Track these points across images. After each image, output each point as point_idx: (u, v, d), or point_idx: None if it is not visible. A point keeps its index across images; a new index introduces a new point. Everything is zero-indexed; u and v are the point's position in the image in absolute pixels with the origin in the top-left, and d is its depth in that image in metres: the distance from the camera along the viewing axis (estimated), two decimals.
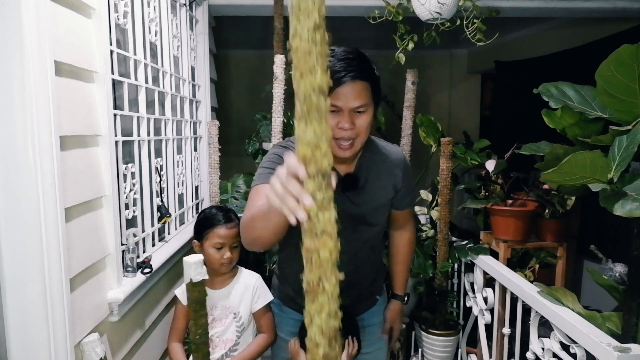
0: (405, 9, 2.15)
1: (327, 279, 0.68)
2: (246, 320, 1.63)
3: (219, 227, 1.59)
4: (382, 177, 1.32)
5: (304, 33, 0.61)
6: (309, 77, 0.62)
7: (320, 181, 0.65)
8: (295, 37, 0.62)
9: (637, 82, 1.30)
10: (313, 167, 0.65)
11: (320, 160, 0.65)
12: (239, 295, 1.62)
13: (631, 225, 1.31)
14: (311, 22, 0.61)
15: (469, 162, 2.43)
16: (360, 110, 1.12)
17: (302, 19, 0.61)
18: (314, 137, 0.64)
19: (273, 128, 2.27)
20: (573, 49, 3.17)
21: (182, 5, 2.11)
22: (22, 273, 1.01)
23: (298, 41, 0.61)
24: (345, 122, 1.11)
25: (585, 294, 2.95)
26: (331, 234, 0.67)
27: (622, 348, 1.19)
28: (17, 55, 0.96)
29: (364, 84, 1.12)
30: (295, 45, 0.62)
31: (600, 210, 1.31)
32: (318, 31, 0.61)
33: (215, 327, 1.60)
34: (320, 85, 0.63)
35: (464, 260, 2.23)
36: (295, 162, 0.65)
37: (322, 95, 0.63)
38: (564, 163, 1.28)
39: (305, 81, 0.62)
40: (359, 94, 1.11)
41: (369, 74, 1.14)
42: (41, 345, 1.03)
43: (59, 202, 1.04)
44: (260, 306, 1.63)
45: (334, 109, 1.11)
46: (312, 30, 0.61)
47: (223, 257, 1.57)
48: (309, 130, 0.63)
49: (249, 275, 1.68)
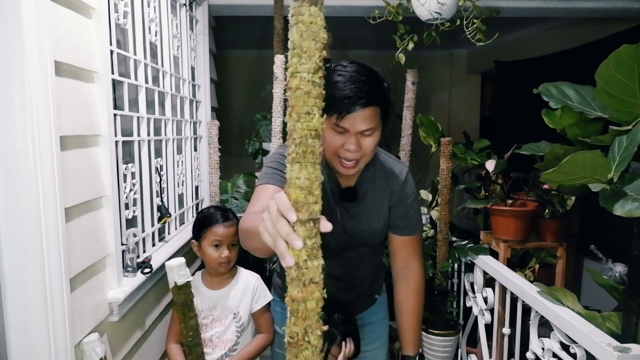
0: (405, 9, 2.15)
1: (312, 332, 0.65)
2: (246, 320, 1.63)
3: (216, 226, 1.59)
4: (380, 193, 1.31)
5: (304, 74, 0.60)
6: (306, 120, 0.60)
7: (311, 227, 0.62)
8: (294, 77, 0.60)
9: (637, 82, 1.30)
10: (305, 212, 0.61)
11: (312, 206, 0.61)
12: (238, 295, 1.62)
13: (631, 225, 1.31)
14: (312, 64, 0.59)
15: (469, 162, 2.43)
16: (367, 133, 1.11)
17: (303, 59, 0.59)
18: (307, 181, 0.61)
19: (273, 128, 2.27)
20: (573, 49, 3.16)
21: (182, 5, 2.11)
22: (22, 273, 1.01)
23: (297, 81, 0.60)
24: (352, 144, 1.10)
25: (585, 294, 2.95)
26: (319, 283, 0.63)
27: (622, 348, 1.19)
28: (17, 55, 0.96)
29: (374, 109, 1.10)
30: (294, 85, 0.60)
31: (600, 210, 1.31)
32: (318, 73, 0.60)
33: (215, 327, 1.60)
34: (317, 129, 0.61)
35: (464, 260, 2.22)
36: (286, 203, 0.60)
37: (318, 139, 0.61)
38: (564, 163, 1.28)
39: (302, 123, 0.60)
40: (368, 119, 1.09)
41: (381, 99, 1.11)
42: (41, 345, 1.03)
43: (59, 202, 1.04)
44: (260, 306, 1.63)
45: (341, 130, 1.10)
46: (313, 72, 0.60)
47: (221, 255, 1.57)
48: (302, 173, 0.61)
49: (248, 275, 1.68)
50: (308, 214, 0.61)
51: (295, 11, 0.60)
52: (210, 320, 1.60)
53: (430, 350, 2.25)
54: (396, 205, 1.31)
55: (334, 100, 1.07)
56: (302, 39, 0.59)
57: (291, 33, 0.60)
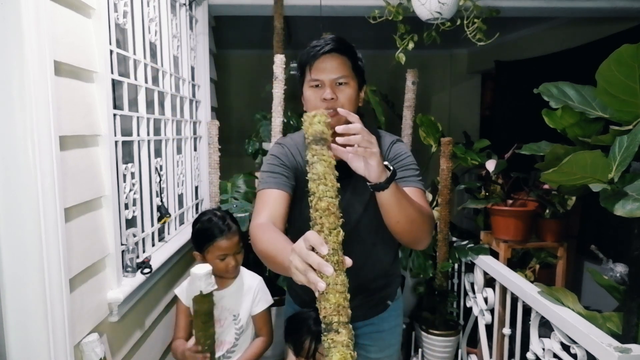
0: (406, 8, 2.15)
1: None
2: (245, 322, 1.62)
3: (220, 240, 1.55)
4: None
5: (330, 199, 0.79)
6: (335, 234, 0.76)
7: (349, 331, 0.73)
8: (322, 200, 0.79)
9: (638, 82, 1.30)
10: (344, 315, 0.74)
11: (347, 309, 0.74)
12: (239, 297, 1.62)
13: (631, 225, 1.31)
14: (334, 191, 0.80)
15: (469, 162, 2.43)
16: (341, 81, 1.18)
17: (328, 187, 0.80)
18: (342, 286, 0.74)
19: (273, 128, 2.26)
20: (573, 49, 3.16)
21: (182, 5, 2.11)
22: (22, 273, 1.01)
23: (326, 204, 0.78)
24: (327, 92, 1.17)
25: (586, 294, 2.95)
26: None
27: (622, 348, 1.19)
28: (17, 55, 0.95)
29: (342, 57, 1.18)
30: (323, 206, 0.78)
31: (600, 210, 1.31)
32: (338, 197, 0.81)
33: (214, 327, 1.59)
34: (341, 242, 0.77)
35: (464, 260, 2.22)
36: (317, 239, 0.74)
37: (342, 254, 0.77)
38: (565, 163, 1.28)
39: (333, 237, 0.76)
40: (338, 67, 1.17)
41: (347, 49, 1.20)
42: (41, 345, 1.03)
43: (58, 202, 1.04)
44: (261, 309, 1.62)
45: (316, 83, 1.19)
46: (335, 197, 0.80)
47: (228, 266, 1.57)
48: (339, 279, 0.73)
49: (250, 277, 1.67)
50: (346, 316, 0.73)
51: (316, 152, 0.84)
52: None
53: (430, 350, 2.25)
54: (390, 164, 1.25)
55: (305, 56, 1.19)
56: (326, 172, 0.81)
57: (315, 167, 0.83)
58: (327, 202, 0.78)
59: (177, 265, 1.88)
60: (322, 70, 1.17)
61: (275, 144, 1.37)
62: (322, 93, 1.18)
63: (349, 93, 1.19)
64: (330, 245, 0.74)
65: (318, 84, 1.19)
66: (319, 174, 0.81)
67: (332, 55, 1.17)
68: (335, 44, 1.18)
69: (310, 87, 1.20)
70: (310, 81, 1.19)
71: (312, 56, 1.18)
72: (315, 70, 1.18)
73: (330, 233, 0.75)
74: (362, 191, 1.28)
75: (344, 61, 1.18)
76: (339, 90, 1.18)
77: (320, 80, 1.18)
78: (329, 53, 1.17)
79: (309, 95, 1.21)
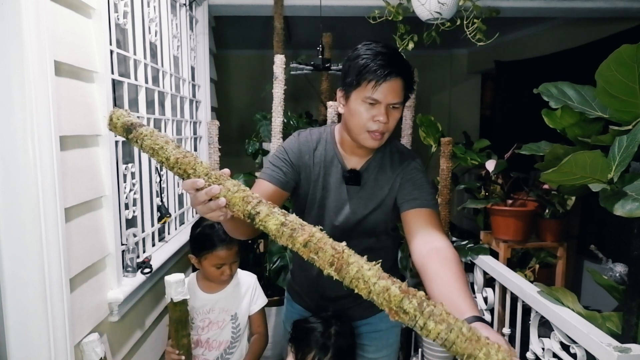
0: (405, 9, 2.15)
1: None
2: (243, 322, 1.62)
3: (219, 250, 1.52)
4: (386, 179, 1.30)
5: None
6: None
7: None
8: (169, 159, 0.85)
9: (637, 82, 1.30)
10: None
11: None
12: (237, 296, 1.61)
13: (631, 225, 1.31)
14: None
15: (469, 162, 2.43)
16: (395, 106, 1.18)
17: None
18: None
19: (273, 128, 2.26)
20: (573, 49, 3.16)
21: (182, 5, 2.11)
22: (22, 273, 1.01)
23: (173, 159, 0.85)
24: (382, 115, 1.16)
25: (586, 294, 2.95)
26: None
27: (622, 348, 1.19)
28: (17, 55, 0.95)
29: (402, 82, 1.17)
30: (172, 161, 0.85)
31: (600, 210, 1.31)
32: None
33: (211, 329, 1.58)
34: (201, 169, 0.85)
35: (464, 260, 2.22)
36: (188, 182, 0.82)
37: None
38: (564, 163, 1.28)
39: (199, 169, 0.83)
40: (399, 91, 1.17)
41: (408, 73, 1.19)
42: (41, 345, 1.03)
43: (58, 202, 1.04)
44: (258, 308, 1.63)
45: (372, 101, 1.16)
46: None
47: (223, 274, 1.55)
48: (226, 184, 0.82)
49: (246, 276, 1.67)
50: (242, 193, 0.81)
51: (136, 136, 0.88)
52: (207, 323, 1.58)
53: (430, 350, 2.25)
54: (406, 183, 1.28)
55: (368, 71, 1.15)
56: (152, 144, 0.85)
57: (145, 143, 0.87)
58: (173, 155, 0.84)
59: (177, 265, 1.89)
60: (383, 93, 1.15)
61: (291, 136, 1.35)
62: (375, 113, 1.16)
63: (397, 116, 1.21)
64: (201, 174, 0.82)
65: (373, 102, 1.16)
66: (149, 147, 0.86)
67: (397, 80, 1.16)
68: (400, 69, 1.16)
69: (364, 102, 1.17)
70: (367, 98, 1.16)
71: (377, 75, 1.14)
72: (377, 91, 1.15)
73: (194, 170, 0.82)
74: (370, 198, 1.30)
75: (403, 86, 1.18)
76: (391, 113, 1.18)
77: (377, 100, 1.16)
78: (396, 78, 1.15)
79: (360, 109, 1.18)
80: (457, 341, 0.66)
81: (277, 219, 0.77)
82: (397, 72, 1.15)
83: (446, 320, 0.67)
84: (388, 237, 1.38)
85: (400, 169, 1.29)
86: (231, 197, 0.80)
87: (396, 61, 1.16)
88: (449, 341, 0.66)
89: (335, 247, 0.74)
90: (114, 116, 0.90)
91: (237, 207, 0.80)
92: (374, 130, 1.18)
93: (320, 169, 1.30)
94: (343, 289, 0.82)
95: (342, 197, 1.30)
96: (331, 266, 0.73)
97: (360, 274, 0.72)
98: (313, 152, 1.30)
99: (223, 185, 0.81)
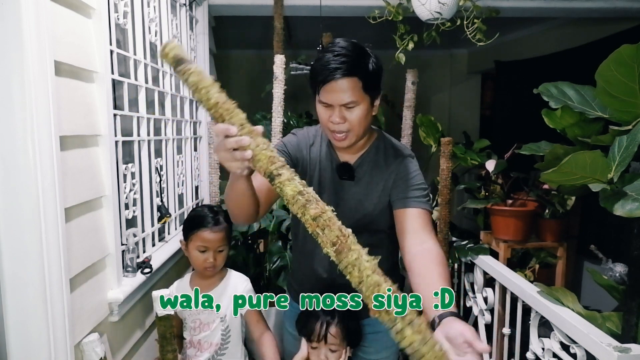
0: (405, 9, 2.15)
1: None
2: (232, 324, 1.57)
3: (203, 230, 1.51)
4: (380, 175, 1.30)
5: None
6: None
7: (260, 142, 0.83)
8: (210, 99, 0.85)
9: (637, 82, 1.30)
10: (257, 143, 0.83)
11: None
12: (226, 298, 1.56)
13: (631, 225, 1.31)
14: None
15: (469, 162, 2.43)
16: (350, 105, 1.15)
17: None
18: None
19: (273, 128, 2.27)
20: (573, 49, 3.16)
21: (182, 5, 2.11)
22: (22, 273, 1.01)
23: (213, 101, 0.85)
24: (336, 116, 1.15)
25: (585, 294, 2.95)
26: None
27: (622, 348, 1.19)
28: (17, 55, 0.95)
29: (352, 80, 1.13)
30: (212, 103, 0.85)
31: (600, 210, 1.31)
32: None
33: (203, 330, 1.55)
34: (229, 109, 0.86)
35: (464, 260, 2.22)
36: (221, 126, 0.83)
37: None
38: (564, 163, 1.28)
39: (234, 118, 0.85)
40: (348, 91, 1.13)
41: (360, 70, 1.14)
42: (41, 345, 1.03)
43: (59, 202, 1.04)
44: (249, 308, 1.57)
45: (324, 104, 1.16)
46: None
47: (206, 261, 1.51)
48: (256, 140, 0.83)
49: (238, 279, 1.61)
50: (270, 151, 0.83)
51: (184, 70, 0.88)
52: (198, 324, 1.55)
53: None
54: (399, 181, 1.28)
55: (315, 74, 1.16)
56: (198, 81, 0.87)
57: (188, 80, 0.88)
58: (214, 98, 0.83)
59: (177, 266, 1.89)
60: (331, 94, 1.13)
61: (290, 133, 1.38)
62: (331, 115, 1.16)
63: (358, 114, 1.16)
64: (235, 123, 0.82)
65: (327, 105, 1.16)
66: (194, 83, 0.85)
67: (343, 80, 1.12)
68: (346, 66, 1.11)
69: (320, 105, 1.18)
70: (319, 101, 1.17)
71: (321, 78, 1.13)
72: (324, 93, 1.14)
73: (230, 116, 0.83)
74: (365, 194, 1.30)
75: (355, 84, 1.13)
76: (349, 112, 1.15)
77: (329, 103, 1.15)
78: (340, 79, 1.12)
79: (319, 111, 1.20)
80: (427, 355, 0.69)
81: (296, 186, 0.79)
82: (343, 72, 1.11)
83: (423, 333, 0.69)
84: (385, 235, 1.37)
85: (394, 166, 1.29)
86: (258, 153, 0.81)
87: (345, 60, 1.11)
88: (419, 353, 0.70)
89: (342, 230, 0.76)
90: (167, 47, 0.89)
91: (261, 163, 0.81)
92: (333, 131, 1.18)
93: (316, 164, 1.31)
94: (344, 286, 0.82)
95: (337, 193, 1.30)
96: (333, 246, 0.74)
97: (358, 262, 0.73)
98: (310, 147, 1.32)
99: (253, 140, 0.82)
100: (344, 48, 1.15)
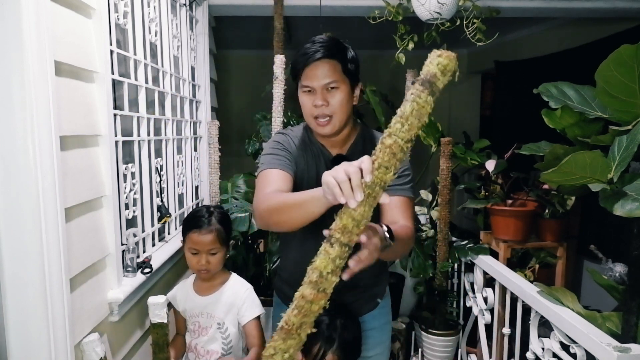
0: (405, 9, 2.15)
1: (305, 328, 0.81)
2: (233, 332, 1.52)
3: (192, 233, 1.48)
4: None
5: (399, 140, 0.76)
6: (382, 172, 0.76)
7: (345, 250, 0.78)
8: (391, 137, 0.76)
9: (637, 82, 1.30)
10: (347, 237, 0.77)
11: (354, 236, 0.78)
12: (224, 304, 1.52)
13: (631, 225, 1.32)
14: (408, 135, 0.76)
15: (469, 162, 2.43)
16: (332, 86, 1.21)
17: (404, 128, 0.76)
18: (360, 216, 0.77)
19: (273, 128, 2.27)
20: (573, 49, 3.16)
21: (182, 5, 2.11)
22: (22, 273, 1.01)
23: (392, 141, 0.76)
24: (319, 99, 1.21)
25: (585, 294, 2.95)
26: (328, 294, 0.79)
27: (622, 348, 1.19)
28: (17, 55, 0.96)
29: (332, 62, 1.20)
30: (388, 143, 0.76)
31: (600, 210, 1.31)
32: (408, 144, 0.77)
33: (201, 335, 1.52)
34: (386, 182, 0.77)
35: (464, 260, 2.23)
36: (369, 163, 0.76)
37: (383, 190, 0.78)
38: (564, 163, 1.28)
39: (378, 173, 0.76)
40: (328, 72, 1.20)
41: (339, 54, 1.22)
42: (41, 345, 1.03)
43: (59, 202, 1.04)
44: (249, 318, 1.50)
45: (308, 89, 1.22)
46: (406, 141, 0.77)
47: (199, 263, 1.47)
48: (360, 209, 0.77)
49: (239, 284, 1.56)
50: (348, 239, 0.78)
51: (415, 92, 0.78)
52: (197, 327, 1.53)
53: (430, 350, 2.25)
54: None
55: (296, 62, 1.22)
56: (411, 114, 0.76)
57: (404, 106, 0.77)
58: (394, 140, 0.76)
59: (177, 266, 1.89)
60: (313, 77, 1.20)
61: (277, 133, 1.42)
62: (314, 99, 1.22)
63: (340, 97, 1.22)
64: (374, 178, 0.76)
65: (310, 90, 1.22)
66: (403, 112, 0.78)
67: (322, 61, 1.19)
68: (325, 50, 1.20)
69: (303, 92, 1.24)
70: (302, 87, 1.23)
71: (302, 63, 1.21)
72: (305, 77, 1.21)
73: (379, 168, 0.77)
74: None
75: (334, 66, 1.20)
76: (330, 95, 1.21)
77: (311, 86, 1.21)
78: (319, 60, 1.19)
79: (302, 100, 1.25)
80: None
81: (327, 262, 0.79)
82: (322, 53, 1.19)
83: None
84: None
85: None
86: (346, 212, 0.78)
87: (324, 45, 1.20)
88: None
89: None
90: (437, 59, 0.83)
91: (339, 221, 0.79)
92: (317, 117, 1.23)
93: (310, 159, 1.34)
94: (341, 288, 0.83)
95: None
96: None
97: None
98: (301, 143, 1.35)
99: (361, 202, 0.77)
100: (322, 39, 1.24)
